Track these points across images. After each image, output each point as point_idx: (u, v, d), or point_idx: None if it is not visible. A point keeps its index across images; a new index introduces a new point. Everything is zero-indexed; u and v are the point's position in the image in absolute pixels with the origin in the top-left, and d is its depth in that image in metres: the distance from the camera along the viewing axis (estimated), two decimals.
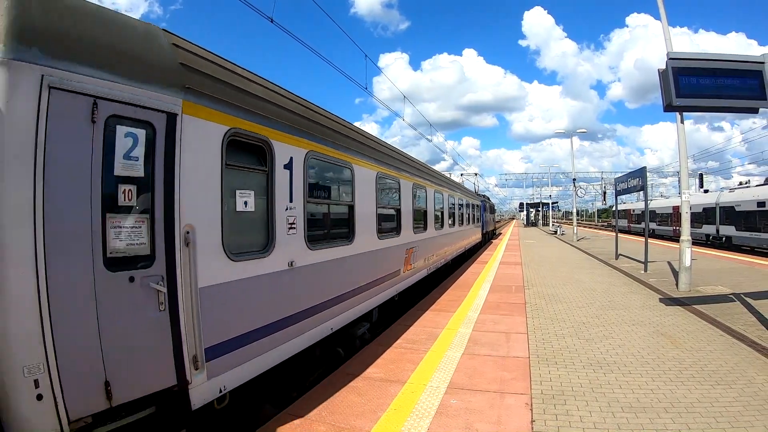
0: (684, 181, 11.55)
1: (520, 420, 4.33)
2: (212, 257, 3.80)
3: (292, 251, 4.96)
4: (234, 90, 4.23)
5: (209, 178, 3.83)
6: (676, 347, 6.50)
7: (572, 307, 9.35)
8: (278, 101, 5.00)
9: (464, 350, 6.53)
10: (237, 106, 4.20)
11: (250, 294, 4.28)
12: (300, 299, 5.12)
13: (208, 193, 3.80)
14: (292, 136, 5.05)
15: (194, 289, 3.59)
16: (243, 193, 4.29)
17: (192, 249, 3.57)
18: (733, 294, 9.88)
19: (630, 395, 4.84)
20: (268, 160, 4.62)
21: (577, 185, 40.16)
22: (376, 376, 5.53)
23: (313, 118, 5.76)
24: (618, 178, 19.20)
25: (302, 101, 5.74)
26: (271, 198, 4.64)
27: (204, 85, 3.85)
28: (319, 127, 5.82)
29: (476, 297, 10.63)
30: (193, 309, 3.57)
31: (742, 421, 4.22)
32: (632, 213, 48.95)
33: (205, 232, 3.72)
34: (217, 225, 3.87)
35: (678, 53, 8.32)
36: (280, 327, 4.70)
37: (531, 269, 16.08)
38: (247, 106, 4.34)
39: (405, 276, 9.39)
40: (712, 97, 7.80)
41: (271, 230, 4.63)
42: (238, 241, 4.16)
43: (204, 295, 3.67)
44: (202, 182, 3.74)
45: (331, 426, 4.25)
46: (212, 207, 3.84)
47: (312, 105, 5.99)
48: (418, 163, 12.02)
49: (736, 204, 27.54)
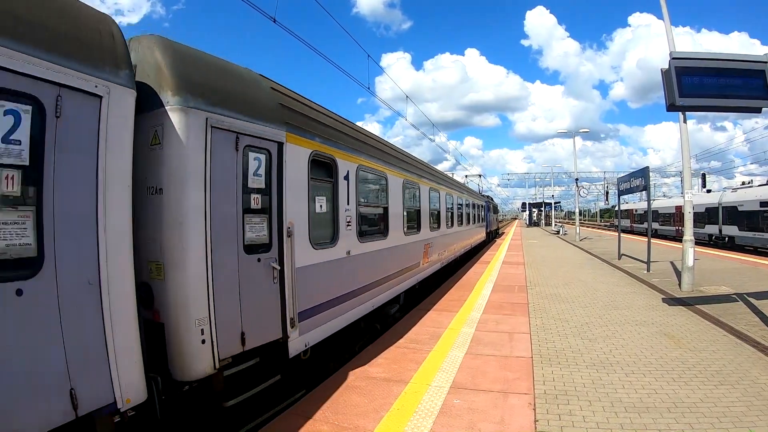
0: (687, 180, 11.53)
1: (523, 420, 4.34)
2: (303, 245, 5.22)
3: (349, 243, 6.49)
4: (313, 122, 5.73)
5: (301, 187, 5.25)
6: (679, 347, 6.50)
7: (575, 307, 9.35)
8: (340, 128, 6.61)
9: (467, 350, 6.53)
10: (316, 134, 5.67)
11: (323, 274, 5.69)
12: (353, 281, 6.60)
13: (300, 199, 5.21)
14: (348, 154, 6.60)
15: (293, 268, 4.94)
16: (319, 199, 5.76)
17: (292, 239, 4.93)
18: (736, 294, 9.86)
19: (633, 395, 4.84)
20: (334, 173, 6.16)
21: (579, 185, 40.12)
22: (380, 376, 5.54)
23: (362, 139, 7.46)
24: (621, 178, 19.17)
25: (355, 126, 7.55)
26: (335, 202, 6.18)
27: (296, 120, 5.28)
28: (365, 146, 7.46)
29: (479, 297, 10.63)
30: (292, 283, 4.91)
31: (745, 421, 4.22)
32: (635, 213, 48.85)
33: (299, 227, 5.11)
34: (305, 222, 5.29)
35: (681, 53, 8.31)
36: (341, 301, 6.15)
37: (533, 269, 16.07)
38: (321, 134, 5.83)
39: (423, 268, 10.91)
40: (714, 97, 7.79)
41: (336, 226, 6.18)
42: (316, 234, 5.58)
43: (298, 273, 5.02)
44: (297, 191, 5.14)
45: (334, 425, 4.27)
46: (303, 209, 5.25)
47: (361, 129, 7.87)
48: (433, 169, 14.14)
49: (739, 204, 27.47)
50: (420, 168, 11.42)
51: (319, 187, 5.76)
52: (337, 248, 6.10)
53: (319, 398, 4.88)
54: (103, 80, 3.13)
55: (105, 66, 3.17)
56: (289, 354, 4.86)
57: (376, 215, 8.15)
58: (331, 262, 5.91)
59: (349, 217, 6.51)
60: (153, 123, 3.76)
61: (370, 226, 7.70)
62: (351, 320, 6.44)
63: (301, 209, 5.19)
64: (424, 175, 11.47)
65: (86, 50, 3.09)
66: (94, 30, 3.22)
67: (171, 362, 3.77)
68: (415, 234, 10.19)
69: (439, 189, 13.17)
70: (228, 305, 4.11)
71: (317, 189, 5.68)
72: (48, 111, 2.80)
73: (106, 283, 3.09)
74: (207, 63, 4.35)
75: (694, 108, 8.75)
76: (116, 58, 3.29)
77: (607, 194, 50.07)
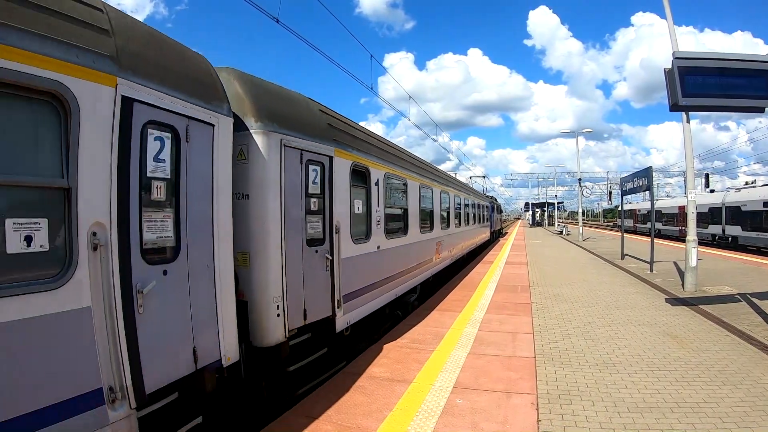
0: (690, 180, 11.51)
1: (526, 420, 4.35)
2: (346, 240, 6.35)
3: (379, 239, 7.62)
4: (352, 137, 6.92)
5: (344, 192, 6.39)
6: (682, 347, 6.50)
7: (578, 307, 9.35)
8: (372, 141, 7.84)
9: (470, 350, 6.55)
10: (354, 148, 6.84)
11: (359, 265, 6.80)
12: (382, 271, 7.77)
13: (344, 202, 6.34)
14: (378, 163, 7.77)
15: (339, 259, 6.07)
16: (357, 202, 6.88)
17: (339, 235, 6.06)
18: (740, 294, 9.85)
19: (636, 395, 4.85)
20: (367, 180, 7.34)
21: (582, 185, 40.04)
22: (383, 376, 5.56)
23: (388, 149, 8.81)
24: (624, 178, 19.13)
25: (384, 140, 9.04)
26: (368, 204, 7.31)
27: (341, 137, 6.41)
28: (391, 156, 8.77)
29: (482, 297, 10.64)
30: (339, 271, 6.03)
31: (748, 421, 4.22)
32: (638, 213, 48.72)
33: (343, 225, 6.25)
34: (348, 221, 6.44)
35: (684, 53, 8.30)
36: (373, 288, 7.32)
37: (536, 269, 16.06)
38: (358, 147, 7.02)
39: (436, 263, 12.20)
40: (718, 97, 7.77)
41: (369, 225, 7.32)
42: (355, 231, 6.73)
43: (343, 263, 6.16)
44: (342, 195, 6.27)
45: (337, 425, 4.29)
46: (346, 210, 6.41)
47: (388, 141, 9.38)
48: (443, 173, 16.00)
49: (742, 204, 27.37)
50: (432, 172, 12.93)
51: (357, 192, 6.91)
52: (370, 243, 7.28)
53: (322, 398, 4.90)
54: (214, 112, 4.06)
55: (214, 100, 4.10)
56: (336, 329, 5.95)
57: (399, 215, 9.39)
58: (366, 254, 7.09)
59: (378, 216, 7.69)
60: (239, 143, 4.62)
61: (394, 224, 8.89)
62: (380, 305, 7.70)
63: (344, 210, 6.35)
64: (435, 179, 12.83)
65: (203, 89, 4.01)
66: (206, 72, 4.18)
67: (252, 332, 4.74)
68: (428, 232, 11.43)
69: (448, 191, 14.48)
70: (295, 287, 5.17)
71: (355, 194, 6.82)
72: (181, 137, 3.66)
73: (218, 267, 4.01)
74: (275, 92, 5.44)
75: (697, 108, 8.75)
76: (221, 93, 4.25)
77: (610, 194, 49.96)
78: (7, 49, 2.41)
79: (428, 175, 11.92)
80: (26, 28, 2.53)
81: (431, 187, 11.94)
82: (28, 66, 2.52)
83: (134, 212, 3.20)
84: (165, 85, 3.51)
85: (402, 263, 8.92)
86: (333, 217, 5.91)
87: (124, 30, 3.29)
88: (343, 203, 6.27)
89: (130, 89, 3.17)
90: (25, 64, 2.50)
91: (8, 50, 2.42)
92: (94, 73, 2.91)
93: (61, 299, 2.67)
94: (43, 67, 2.59)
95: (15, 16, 2.48)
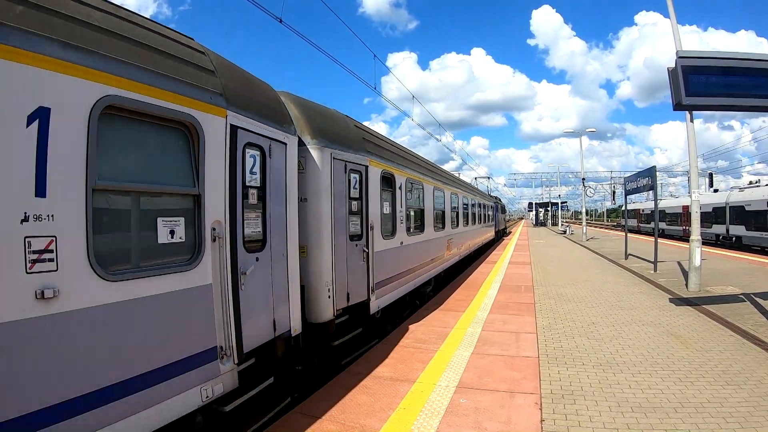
0: (694, 180, 11.49)
1: (529, 419, 4.36)
2: (378, 236, 7.48)
3: (402, 236, 8.81)
4: (382, 149, 8.12)
5: (376, 196, 7.50)
6: (686, 347, 6.49)
7: (582, 307, 9.35)
8: (396, 151, 9.13)
9: (473, 350, 6.56)
10: (383, 157, 7.94)
11: (387, 257, 7.88)
12: (404, 264, 8.93)
13: (376, 204, 7.45)
14: (401, 170, 8.92)
15: (373, 252, 7.19)
16: (385, 203, 8.01)
17: (373, 232, 7.19)
18: (743, 294, 9.81)
19: (639, 395, 4.85)
20: (393, 185, 8.44)
21: (586, 185, 39.95)
22: (386, 376, 5.58)
23: (409, 158, 10.11)
24: (627, 178, 19.09)
25: (405, 149, 10.40)
26: (394, 205, 8.45)
27: (373, 149, 7.53)
28: (411, 163, 10.08)
29: (485, 297, 10.66)
30: (373, 261, 7.15)
31: (751, 421, 4.22)
32: (642, 213, 48.56)
33: (375, 223, 7.34)
34: (378, 220, 7.54)
35: (687, 52, 8.28)
36: (398, 278, 8.47)
37: (540, 269, 16.05)
38: (387, 157, 8.21)
39: (447, 258, 13.49)
40: (722, 96, 7.75)
41: (394, 223, 8.46)
42: (384, 228, 7.83)
43: (375, 255, 7.27)
44: (374, 198, 7.37)
45: (341, 425, 4.31)
46: (377, 211, 7.51)
47: (408, 150, 10.73)
48: (452, 175, 17.93)
49: (746, 203, 27.22)
50: (443, 176, 14.48)
51: (385, 196, 8.03)
52: (395, 239, 8.46)
53: (325, 397, 4.92)
54: (286, 133, 5.08)
55: (284, 123, 5.14)
56: (370, 311, 7.11)
57: (417, 215, 10.66)
58: (392, 248, 8.26)
59: (401, 216, 8.87)
60: (299, 156, 5.52)
61: (413, 223, 10.15)
62: (403, 293, 8.92)
63: (376, 211, 7.49)
64: (446, 182, 14.23)
65: (277, 115, 5.04)
66: (277, 101, 5.29)
67: (308, 310, 5.76)
68: (441, 231, 12.77)
69: (457, 193, 15.88)
70: (341, 274, 6.26)
71: (384, 197, 7.93)
72: (266, 154, 4.65)
73: (289, 256, 5.07)
74: (322, 112, 6.53)
75: (700, 107, 8.74)
76: (288, 117, 5.35)
77: (614, 194, 49.85)
78: (159, 91, 3.31)
79: (440, 178, 13.23)
80: (173, 76, 3.46)
81: (443, 190, 13.23)
82: (172, 103, 3.43)
83: (239, 212, 4.17)
84: (255, 113, 4.52)
85: (420, 257, 10.20)
86: (368, 217, 7.08)
87: (223, 70, 4.21)
88: (375, 205, 7.44)
89: (235, 119, 4.16)
90: (170, 102, 3.41)
91: (159, 92, 3.32)
92: (213, 107, 3.88)
93: (193, 277, 3.61)
94: (180, 104, 3.50)
95: (168, 67, 3.44)
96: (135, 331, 3.10)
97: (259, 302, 4.46)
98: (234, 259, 4.06)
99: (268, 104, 4.93)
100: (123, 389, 2.95)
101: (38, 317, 2.51)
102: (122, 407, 2.94)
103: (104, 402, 2.83)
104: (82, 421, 2.71)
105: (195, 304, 3.65)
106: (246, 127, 4.32)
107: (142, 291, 3.14)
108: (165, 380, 3.29)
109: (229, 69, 4.43)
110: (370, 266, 7.05)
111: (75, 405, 2.67)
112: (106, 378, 2.86)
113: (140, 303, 3.13)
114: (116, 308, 2.96)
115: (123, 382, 2.96)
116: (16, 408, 2.40)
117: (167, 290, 3.34)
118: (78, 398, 2.69)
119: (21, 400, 2.43)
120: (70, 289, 2.68)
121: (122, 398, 2.94)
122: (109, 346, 2.91)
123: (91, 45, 2.87)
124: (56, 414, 2.57)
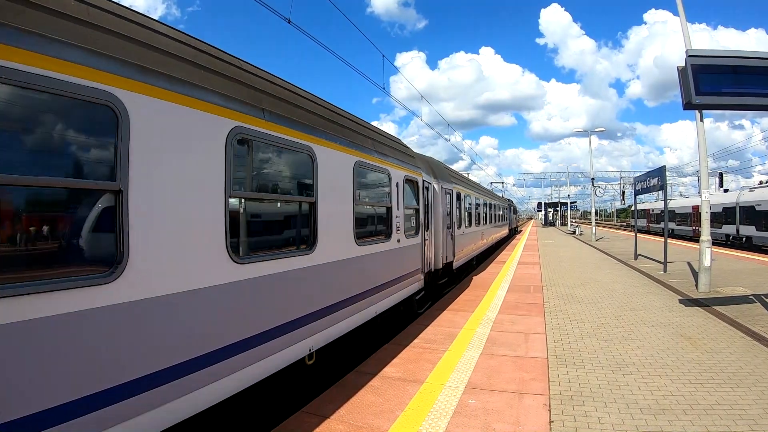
0: (704, 180, 11.39)
1: (538, 420, 4.37)
2: (455, 228, 13.31)
3: (464, 228, 15.22)
4: (457, 178, 14.85)
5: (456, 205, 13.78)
6: (695, 349, 6.46)
7: (591, 308, 9.33)
8: (461, 178, 16.71)
9: (482, 350, 6.57)
10: (456, 182, 14.01)
11: (461, 239, 14.16)
12: (466, 244, 15.48)
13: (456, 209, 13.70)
14: (464, 188, 15.41)
15: (455, 235, 13.14)
16: (457, 209, 13.82)
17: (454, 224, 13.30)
18: (754, 295, 9.72)
19: (649, 397, 4.84)
20: (461, 199, 14.61)
21: (595, 185, 39.69)
22: (395, 376, 5.61)
23: (465, 180, 18.35)
24: (637, 178, 18.95)
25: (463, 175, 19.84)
26: (461, 209, 14.50)
27: (453, 179, 13.67)
28: (467, 183, 17.55)
29: (494, 297, 10.66)
30: (455, 241, 13.11)
31: (762, 424, 4.19)
32: (651, 213, 48.17)
33: (454, 221, 13.35)
34: (456, 219, 13.60)
35: (697, 51, 8.23)
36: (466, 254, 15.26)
37: (549, 269, 16.02)
38: (458, 182, 14.56)
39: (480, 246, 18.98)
40: (732, 95, 7.70)
41: (461, 219, 14.53)
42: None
43: (456, 237, 13.32)
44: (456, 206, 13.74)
45: (349, 425, 4.34)
46: (456, 213, 13.80)
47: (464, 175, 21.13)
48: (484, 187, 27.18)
49: (757, 203, 26.91)
50: (477, 187, 21.21)
51: (458, 205, 13.83)
52: (461, 229, 14.31)
53: (334, 397, 4.96)
54: (432, 179, 11.04)
55: (430, 175, 10.98)
56: (453, 267, 12.75)
57: (468, 216, 16.25)
58: (463, 234, 14.52)
59: (464, 216, 15.10)
60: (426, 187, 10.05)
61: (466, 220, 15.69)
62: (465, 260, 14.90)
63: (456, 213, 13.40)
64: (479, 192, 20.24)
65: (429, 173, 10.89)
66: (428, 167, 11.18)
67: (435, 262, 11.11)
68: (478, 226, 18.71)
69: (487, 200, 22.34)
70: (444, 246, 11.59)
71: (457, 206, 13.74)
72: (422, 189, 9.55)
73: (435, 235, 11.02)
74: (438, 164, 12.88)
75: (710, 107, 8.67)
76: (432, 173, 11.29)
77: (624, 194, 49.50)
78: (412, 171, 8.90)
79: (474, 189, 18.87)
80: (416, 165, 9.58)
81: (480, 198, 19.62)
82: (417, 176, 9.25)
83: (421, 214, 9.37)
84: (426, 173, 10.06)
85: (472, 241, 16.67)
86: (453, 216, 12.91)
87: (418, 160, 9.84)
88: (456, 210, 13.35)
89: (425, 180, 9.90)
90: (416, 176, 9.19)
91: (412, 172, 8.94)
92: (419, 174, 9.40)
93: (417, 240, 9.05)
94: (417, 175, 9.28)
95: (412, 164, 9.14)
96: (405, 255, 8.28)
97: (428, 255, 9.98)
98: (422, 234, 9.31)
99: (427, 171, 10.58)
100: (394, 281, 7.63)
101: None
102: (394, 286, 7.62)
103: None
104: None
105: (417, 251, 8.95)
106: (426, 179, 9.87)
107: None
108: (408, 279, 8.27)
109: (419, 158, 10.37)
110: (455, 243, 12.91)
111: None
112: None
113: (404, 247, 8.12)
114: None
115: (395, 279, 7.66)
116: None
117: (414, 243, 8.65)
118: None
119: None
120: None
121: (395, 284, 7.65)
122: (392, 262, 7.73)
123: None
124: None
